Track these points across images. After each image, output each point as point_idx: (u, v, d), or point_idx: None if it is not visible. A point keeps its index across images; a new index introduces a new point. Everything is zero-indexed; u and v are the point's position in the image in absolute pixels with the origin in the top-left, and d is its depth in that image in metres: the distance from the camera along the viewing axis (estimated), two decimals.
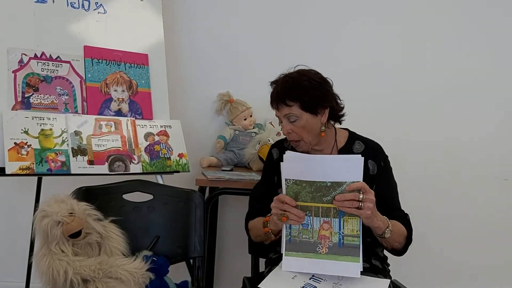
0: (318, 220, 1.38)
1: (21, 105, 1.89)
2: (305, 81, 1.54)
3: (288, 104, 1.54)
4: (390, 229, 1.44)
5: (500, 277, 2.72)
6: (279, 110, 1.59)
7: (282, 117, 1.59)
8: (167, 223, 1.78)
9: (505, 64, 2.63)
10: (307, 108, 1.54)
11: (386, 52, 2.62)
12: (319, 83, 1.56)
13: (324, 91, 1.57)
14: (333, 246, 1.37)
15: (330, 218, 1.37)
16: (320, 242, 1.38)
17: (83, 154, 1.92)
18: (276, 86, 1.60)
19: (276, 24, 2.63)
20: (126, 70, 2.15)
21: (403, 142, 2.58)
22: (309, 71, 1.59)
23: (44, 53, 1.98)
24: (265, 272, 1.64)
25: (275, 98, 1.58)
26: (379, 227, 1.42)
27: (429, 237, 2.63)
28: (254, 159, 2.39)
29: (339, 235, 1.37)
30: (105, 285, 1.41)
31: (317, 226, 1.39)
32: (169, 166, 2.11)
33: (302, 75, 1.57)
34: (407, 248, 1.56)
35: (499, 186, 2.68)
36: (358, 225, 1.37)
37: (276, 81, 1.61)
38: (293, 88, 1.54)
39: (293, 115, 1.55)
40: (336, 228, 1.37)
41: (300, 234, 1.40)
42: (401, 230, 1.52)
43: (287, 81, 1.57)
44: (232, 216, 2.67)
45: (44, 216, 1.44)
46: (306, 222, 1.39)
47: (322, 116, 1.58)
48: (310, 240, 1.39)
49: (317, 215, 1.38)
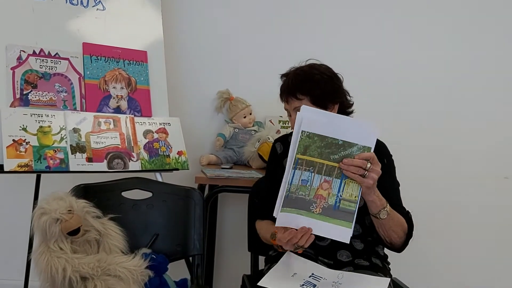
0: (319, 178, 1.34)
1: (20, 102, 1.88)
2: (316, 75, 1.54)
3: (299, 98, 1.54)
4: (387, 211, 1.41)
5: (500, 275, 2.72)
6: (289, 103, 1.58)
7: (291, 110, 1.58)
8: (166, 221, 1.78)
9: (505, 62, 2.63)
10: (317, 102, 1.53)
11: (386, 50, 2.62)
12: (330, 77, 1.56)
13: (335, 86, 1.56)
14: (327, 207, 1.34)
15: (332, 177, 1.34)
16: (315, 201, 1.34)
17: (82, 152, 1.91)
18: (286, 79, 1.59)
19: (276, 21, 2.62)
20: (125, 67, 2.14)
21: (403, 140, 2.56)
22: (321, 66, 1.59)
23: (43, 50, 1.97)
24: (265, 269, 1.64)
25: (286, 91, 1.57)
26: (374, 202, 1.39)
27: (429, 235, 2.63)
28: (254, 157, 2.38)
29: (337, 197, 1.34)
30: (104, 283, 1.40)
31: (317, 184, 1.34)
32: (168, 163, 2.10)
33: (313, 69, 1.56)
34: (407, 243, 1.54)
35: (499, 184, 2.67)
36: (358, 190, 1.35)
37: (286, 74, 1.61)
38: (304, 81, 1.53)
39: None
40: (335, 190, 1.34)
41: (297, 191, 1.35)
42: (400, 220, 1.49)
43: (299, 74, 1.56)
44: (231, 214, 2.67)
45: (43, 213, 1.43)
46: (306, 178, 1.35)
47: (332, 111, 1.56)
48: (306, 197, 1.34)
49: (319, 172, 1.34)
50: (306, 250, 1.49)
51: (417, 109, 2.64)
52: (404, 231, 1.51)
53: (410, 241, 1.54)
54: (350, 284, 1.40)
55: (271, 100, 2.55)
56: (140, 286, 1.47)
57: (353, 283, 1.40)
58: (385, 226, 1.46)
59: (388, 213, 1.42)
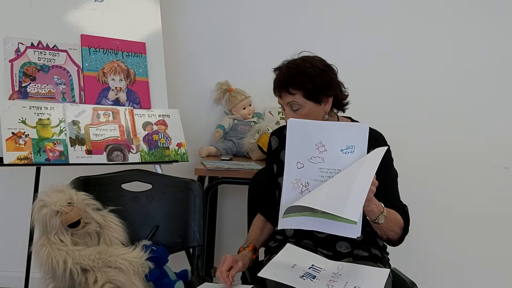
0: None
1: (18, 95, 1.87)
2: (308, 69, 1.51)
3: (291, 92, 1.52)
4: (384, 215, 1.40)
5: (498, 265, 2.73)
6: (282, 98, 1.56)
7: (285, 105, 1.57)
8: (166, 213, 1.78)
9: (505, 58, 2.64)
10: (310, 96, 1.52)
11: (387, 49, 2.62)
12: (323, 70, 1.54)
13: (328, 79, 1.54)
14: None
15: None
16: None
17: (81, 144, 1.91)
18: (279, 73, 1.57)
19: (276, 12, 2.61)
20: (123, 59, 2.14)
21: (401, 131, 2.56)
22: (313, 58, 1.56)
23: (41, 42, 1.96)
24: (265, 261, 1.64)
25: (278, 86, 1.56)
26: (372, 211, 1.38)
27: (428, 225, 2.64)
28: (253, 149, 2.38)
29: None
30: (105, 275, 1.41)
31: None
32: (168, 155, 2.10)
33: (306, 62, 1.54)
34: (403, 239, 1.54)
35: (498, 174, 2.68)
36: None
37: (279, 67, 1.59)
38: (296, 76, 1.51)
39: (296, 103, 1.53)
40: None
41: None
42: (396, 219, 1.48)
43: (291, 68, 1.54)
44: (231, 205, 2.67)
45: (43, 206, 1.44)
46: None
47: (326, 105, 1.55)
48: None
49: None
50: (305, 242, 1.50)
51: (416, 99, 2.63)
52: (400, 227, 1.50)
53: (406, 237, 1.54)
54: (350, 275, 1.40)
55: (270, 91, 2.54)
56: (140, 277, 1.48)
57: (353, 274, 1.40)
58: (383, 228, 1.46)
59: (386, 217, 1.41)
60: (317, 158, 1.35)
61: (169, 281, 1.57)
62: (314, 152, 1.35)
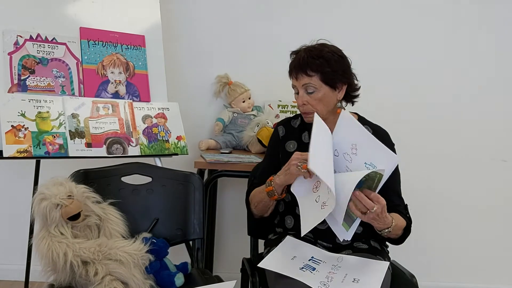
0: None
1: (18, 88, 1.87)
2: (328, 53, 1.54)
3: (309, 74, 1.54)
4: (390, 230, 1.44)
5: (497, 257, 2.74)
6: (298, 80, 1.57)
7: (299, 87, 1.58)
8: (166, 206, 1.78)
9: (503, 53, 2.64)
10: (327, 80, 1.54)
11: (386, 46, 2.62)
12: (341, 57, 1.57)
13: (345, 66, 1.57)
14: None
15: None
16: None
17: (81, 137, 1.91)
18: (296, 56, 1.59)
19: (276, 6, 2.60)
20: (122, 52, 2.13)
21: (401, 124, 2.56)
22: (332, 45, 1.60)
23: (40, 35, 1.95)
24: (264, 253, 1.65)
25: (296, 67, 1.57)
26: (379, 227, 1.43)
27: (428, 219, 2.65)
28: (253, 142, 2.38)
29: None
30: (105, 267, 1.41)
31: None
32: (168, 148, 2.10)
33: (325, 47, 1.57)
34: (405, 239, 1.56)
35: (497, 167, 2.68)
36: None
37: (297, 51, 1.61)
38: (316, 58, 1.53)
39: (312, 85, 1.54)
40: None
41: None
42: (400, 224, 1.51)
43: (311, 51, 1.56)
44: (231, 198, 2.68)
45: (43, 199, 1.44)
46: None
47: (339, 92, 1.58)
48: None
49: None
50: (305, 234, 1.50)
51: (416, 91, 2.64)
52: (402, 229, 1.53)
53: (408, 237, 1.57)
54: (350, 267, 1.41)
55: (270, 85, 2.57)
56: (141, 270, 1.48)
57: (353, 266, 1.41)
58: (387, 235, 1.49)
59: (392, 230, 1.44)
60: (348, 156, 1.42)
61: (169, 273, 1.58)
62: (348, 150, 1.41)
